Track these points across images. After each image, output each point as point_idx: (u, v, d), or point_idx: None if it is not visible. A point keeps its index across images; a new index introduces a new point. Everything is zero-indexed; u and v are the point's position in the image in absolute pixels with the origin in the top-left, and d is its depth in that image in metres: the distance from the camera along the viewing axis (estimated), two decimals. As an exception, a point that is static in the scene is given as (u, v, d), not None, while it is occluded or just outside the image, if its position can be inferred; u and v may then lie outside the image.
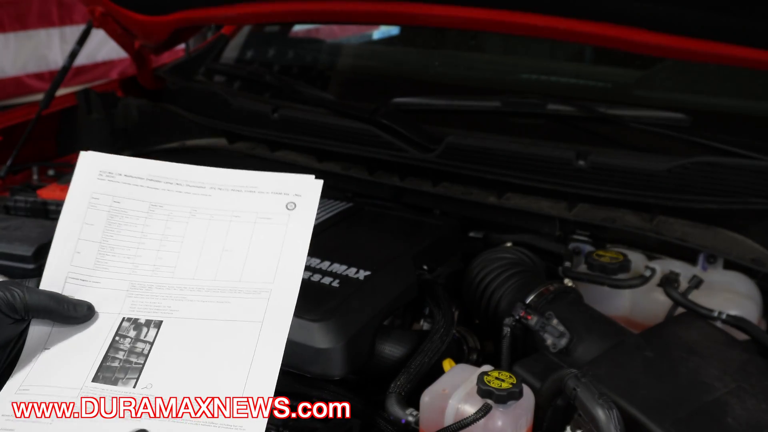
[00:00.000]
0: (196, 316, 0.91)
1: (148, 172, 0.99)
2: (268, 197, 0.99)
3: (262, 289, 0.93)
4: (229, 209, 0.98)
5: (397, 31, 2.54)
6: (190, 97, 2.08)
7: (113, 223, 0.96)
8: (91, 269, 0.94)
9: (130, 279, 0.94)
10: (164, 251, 0.96)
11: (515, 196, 1.55)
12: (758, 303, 1.35)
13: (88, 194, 0.97)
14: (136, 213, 0.97)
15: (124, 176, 0.99)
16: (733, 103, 1.69)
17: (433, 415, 1.01)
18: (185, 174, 1.01)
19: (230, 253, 0.96)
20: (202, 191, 1.00)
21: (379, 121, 1.66)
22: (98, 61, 5.30)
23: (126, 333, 0.90)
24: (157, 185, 0.99)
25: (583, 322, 1.23)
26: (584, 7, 1.31)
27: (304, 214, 0.97)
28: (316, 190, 0.99)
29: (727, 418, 0.99)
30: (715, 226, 1.38)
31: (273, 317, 0.90)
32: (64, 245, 0.94)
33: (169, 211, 0.98)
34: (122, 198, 0.98)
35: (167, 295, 0.93)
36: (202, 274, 0.95)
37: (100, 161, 0.99)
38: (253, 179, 1.00)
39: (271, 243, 0.96)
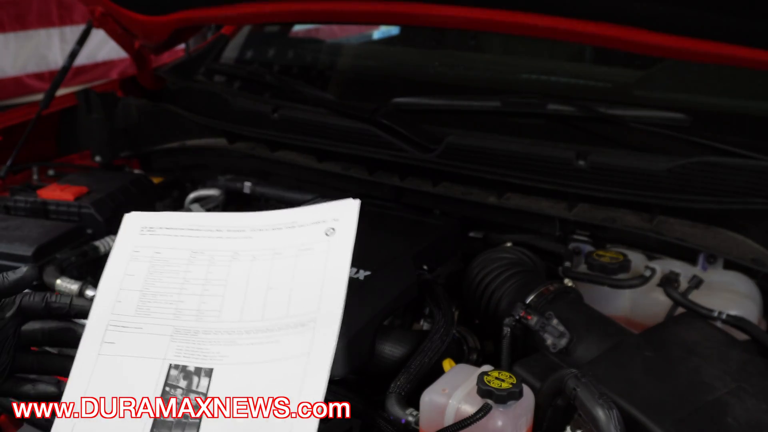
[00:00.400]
0: (247, 360, 0.88)
1: (188, 223, 0.99)
2: (308, 229, 0.97)
3: (308, 320, 0.90)
4: (270, 248, 0.97)
5: (397, 31, 2.54)
6: (190, 97, 2.08)
7: (155, 272, 0.95)
8: (132, 316, 0.92)
9: (174, 324, 0.91)
10: (207, 296, 0.94)
11: (515, 196, 1.55)
12: (758, 303, 1.35)
13: (130, 248, 0.97)
14: (177, 261, 0.96)
15: (164, 229, 0.98)
16: (733, 103, 1.69)
17: (433, 415, 1.01)
18: (225, 221, 0.99)
19: (275, 290, 0.93)
20: (242, 234, 0.98)
21: (379, 121, 1.66)
22: (98, 61, 5.30)
23: (175, 383, 0.87)
24: (197, 234, 0.98)
25: (583, 322, 1.23)
26: (584, 7, 1.31)
27: (343, 237, 0.95)
28: (354, 211, 0.97)
29: (727, 418, 0.99)
30: (715, 226, 1.38)
31: (318, 346, 0.88)
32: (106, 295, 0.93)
33: (211, 255, 0.96)
34: (163, 248, 0.97)
35: (214, 341, 0.90)
36: (249, 315, 0.92)
37: (143, 219, 0.99)
38: (293, 215, 0.99)
39: (314, 272, 0.93)
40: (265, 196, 1.90)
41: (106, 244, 1.63)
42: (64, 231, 1.62)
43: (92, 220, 1.70)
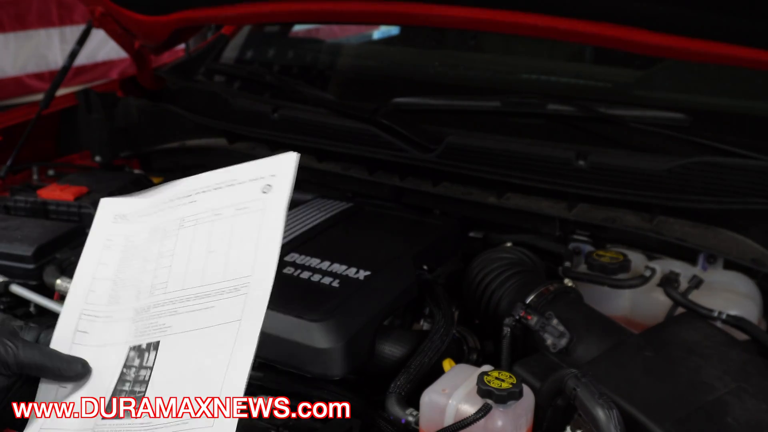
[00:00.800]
0: (187, 327, 0.89)
1: (151, 201, 0.99)
2: (246, 186, 0.96)
3: (241, 285, 0.90)
4: (211, 209, 0.96)
5: (397, 31, 2.54)
6: (190, 97, 2.08)
7: (125, 259, 0.96)
8: (104, 305, 0.94)
9: (135, 306, 0.93)
10: (159, 269, 0.95)
11: (515, 196, 1.55)
12: (758, 303, 1.35)
13: (103, 237, 0.98)
14: (141, 242, 0.97)
15: (136, 216, 0.98)
16: (733, 103, 1.69)
17: (433, 415, 1.01)
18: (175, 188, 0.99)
19: (214, 254, 0.93)
20: (188, 200, 0.98)
21: (379, 121, 1.66)
22: (98, 61, 5.30)
23: (132, 363, 0.89)
24: (156, 209, 0.99)
25: (583, 322, 1.23)
26: (584, 7, 1.31)
27: (278, 194, 0.93)
28: (291, 165, 0.94)
29: (727, 418, 0.99)
30: (715, 226, 1.38)
31: (249, 313, 0.88)
32: (80, 285, 0.95)
33: (163, 228, 0.97)
34: (134, 234, 0.97)
35: (161, 313, 0.91)
36: (191, 282, 0.92)
37: (116, 206, 0.99)
38: (232, 173, 0.98)
39: (249, 233, 0.92)
40: (265, 196, 1.90)
41: (106, 244, 1.62)
42: (64, 231, 1.62)
43: (92, 220, 1.70)
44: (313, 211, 1.55)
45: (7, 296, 1.45)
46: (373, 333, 1.21)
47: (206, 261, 0.93)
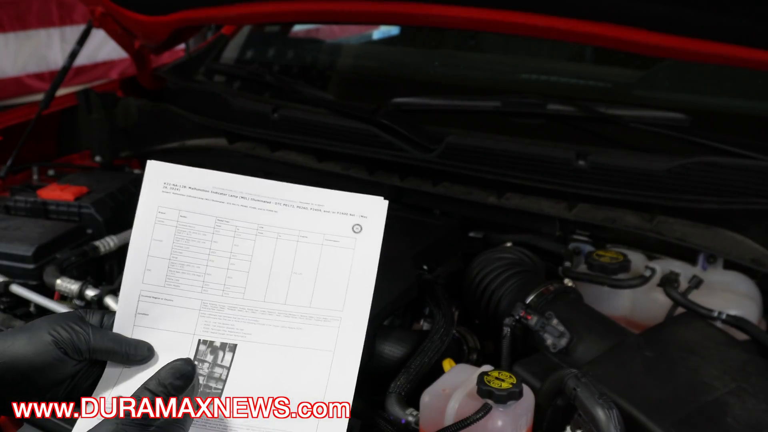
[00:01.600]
0: (270, 341, 0.93)
1: (212, 185, 0.98)
2: (335, 218, 0.98)
3: (332, 317, 0.93)
4: (296, 228, 0.98)
5: (397, 31, 2.54)
6: (190, 97, 2.08)
7: (181, 239, 0.96)
8: (161, 287, 0.94)
9: (201, 298, 0.94)
10: (233, 270, 0.96)
11: (515, 196, 1.55)
12: (758, 303, 1.35)
13: (155, 209, 0.96)
14: (203, 228, 0.97)
15: (188, 188, 0.98)
16: (733, 103, 1.69)
17: (433, 415, 1.01)
18: (250, 187, 0.99)
19: (299, 276, 0.95)
20: (267, 206, 0.99)
21: (379, 121, 1.66)
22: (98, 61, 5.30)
23: (204, 357, 0.92)
24: (222, 198, 0.98)
25: (583, 322, 1.23)
26: (584, 7, 1.31)
27: (371, 239, 0.98)
28: (382, 213, 1.00)
29: (727, 418, 0.99)
30: (715, 226, 1.38)
31: (344, 347, 0.92)
32: (136, 263, 0.94)
33: (236, 226, 0.97)
34: (188, 212, 0.97)
35: (239, 317, 0.94)
36: (273, 297, 0.95)
37: (165, 172, 0.98)
38: (319, 197, 1.00)
39: (340, 268, 0.96)
40: (265, 196, 1.90)
41: (106, 244, 1.63)
42: (64, 231, 1.62)
43: (92, 220, 1.71)
44: (313, 211, 1.55)
45: (7, 296, 1.45)
46: (373, 333, 1.21)
47: (290, 281, 0.96)
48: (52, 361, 0.85)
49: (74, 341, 0.86)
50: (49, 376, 0.85)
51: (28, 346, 0.84)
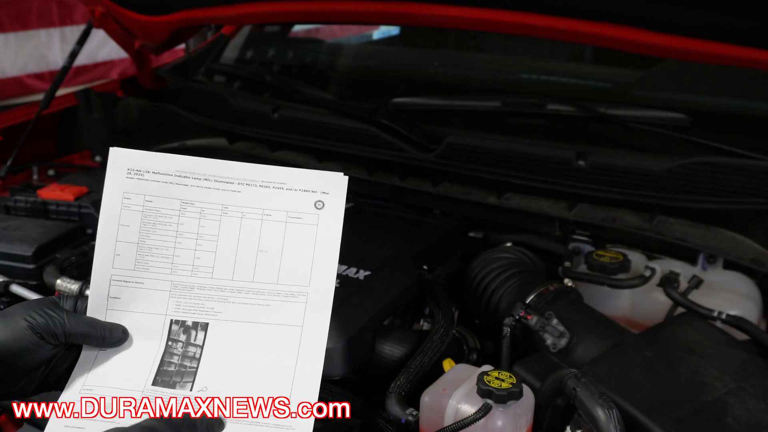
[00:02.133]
0: (240, 318, 0.95)
1: (175, 168, 1.00)
2: (297, 195, 1.00)
3: (299, 293, 0.96)
4: (259, 207, 0.99)
5: (397, 31, 2.54)
6: (190, 97, 2.08)
7: (148, 223, 0.98)
8: (131, 270, 0.97)
9: (171, 279, 0.97)
10: (201, 251, 0.98)
11: (515, 196, 1.55)
12: (758, 303, 1.35)
13: (120, 194, 0.98)
14: (169, 211, 0.99)
15: (152, 173, 0.99)
16: (733, 103, 1.69)
17: (433, 415, 1.01)
18: (212, 169, 1.01)
19: (265, 254, 0.97)
20: (230, 187, 1.00)
21: (379, 121, 1.66)
22: (98, 61, 5.30)
23: (177, 337, 0.94)
24: (186, 181, 1.00)
25: (583, 322, 1.23)
26: (584, 7, 1.31)
27: (333, 214, 1.00)
28: (342, 188, 1.01)
29: (727, 418, 0.99)
30: (715, 226, 1.38)
31: (312, 321, 0.94)
32: (104, 248, 0.97)
33: (201, 208, 0.99)
34: (154, 197, 0.98)
35: (209, 296, 0.96)
36: (240, 275, 0.97)
37: (128, 158, 0.99)
38: (281, 174, 1.01)
39: (304, 244, 0.98)
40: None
41: (106, 244, 1.62)
42: (64, 231, 1.62)
43: (92, 220, 1.71)
44: (313, 211, 1.55)
45: (7, 296, 1.45)
46: (373, 333, 1.21)
47: (257, 258, 0.98)
48: (29, 346, 0.87)
49: (50, 326, 0.88)
50: (25, 360, 0.87)
51: (5, 331, 0.86)
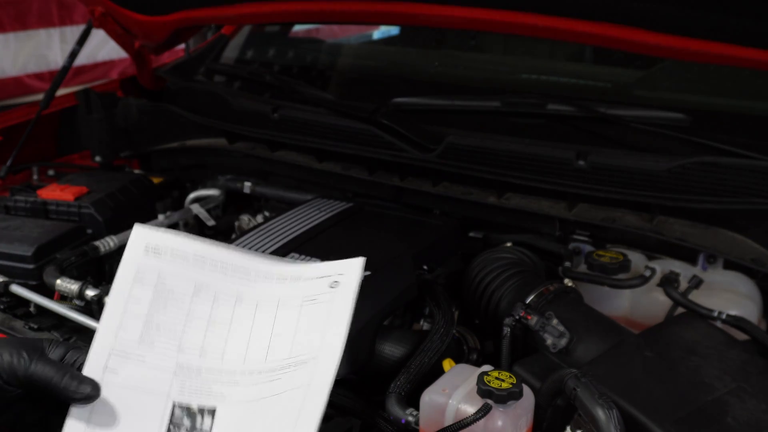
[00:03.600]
0: (250, 398, 0.90)
1: (194, 250, 0.98)
2: (313, 282, 0.98)
3: (309, 358, 0.92)
4: (275, 297, 0.98)
5: (397, 31, 2.54)
6: (190, 97, 2.08)
7: (159, 300, 0.94)
8: (135, 343, 0.91)
9: (177, 359, 0.92)
10: (211, 334, 0.94)
11: (515, 196, 1.55)
12: (758, 303, 1.35)
13: (135, 268, 0.96)
14: (182, 291, 0.96)
15: (170, 252, 0.98)
16: (733, 103, 1.69)
17: (433, 415, 1.01)
18: (231, 257, 0.99)
19: (279, 337, 0.95)
20: (247, 277, 0.99)
21: (379, 121, 1.66)
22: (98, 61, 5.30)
23: (179, 422, 0.88)
24: (203, 265, 0.98)
25: (583, 322, 1.23)
26: (584, 7, 1.31)
27: (346, 291, 0.97)
28: (358, 268, 0.99)
29: (727, 418, 0.99)
30: (715, 226, 1.38)
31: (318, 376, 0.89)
32: (110, 319, 0.92)
33: (215, 293, 0.97)
34: (168, 275, 0.96)
35: (218, 380, 0.91)
36: (252, 358, 0.93)
37: (149, 235, 0.98)
38: (299, 269, 1.00)
39: (317, 320, 0.95)
40: (265, 196, 1.90)
41: (106, 244, 1.63)
42: (64, 231, 1.62)
43: (92, 220, 1.71)
44: (313, 211, 1.55)
45: (7, 296, 1.45)
46: (373, 333, 1.21)
47: (270, 341, 0.95)
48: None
49: (13, 364, 0.80)
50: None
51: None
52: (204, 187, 1.97)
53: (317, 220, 1.51)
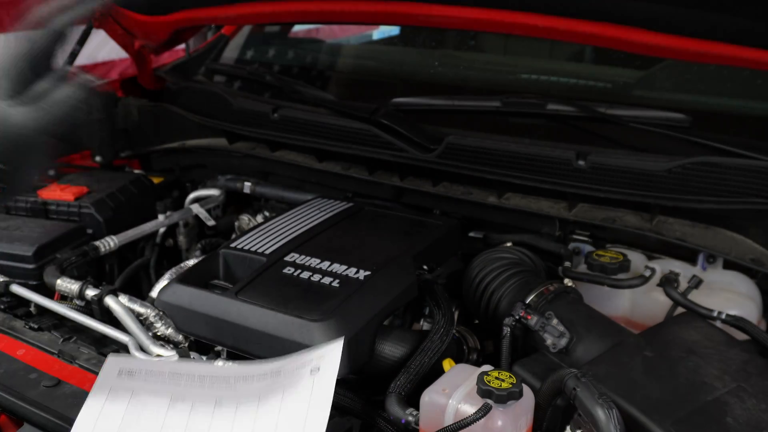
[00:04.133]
0: None
1: (169, 369, 0.98)
2: (294, 373, 0.98)
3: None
4: (255, 395, 0.97)
5: (397, 31, 2.54)
6: (190, 97, 2.08)
7: (132, 415, 0.94)
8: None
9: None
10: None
11: (515, 196, 1.55)
12: (758, 303, 1.35)
13: (107, 390, 0.96)
14: (157, 405, 0.95)
15: (144, 373, 0.98)
16: (733, 103, 1.69)
17: (433, 415, 1.01)
18: (209, 370, 0.99)
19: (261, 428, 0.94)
20: (226, 383, 0.98)
21: (379, 121, 1.66)
22: (98, 62, 5.30)
23: None
24: (178, 381, 0.98)
25: (583, 322, 1.23)
26: (584, 7, 1.31)
27: (327, 375, 0.96)
28: (337, 350, 0.99)
29: (726, 417, 0.99)
30: (714, 226, 1.38)
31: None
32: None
33: (192, 403, 0.96)
34: (142, 391, 0.96)
35: None
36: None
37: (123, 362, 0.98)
38: (279, 364, 0.99)
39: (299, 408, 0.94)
40: (265, 196, 1.90)
41: (106, 244, 1.63)
42: (64, 231, 1.63)
43: (92, 220, 1.71)
44: (313, 211, 1.55)
45: (7, 296, 1.45)
46: (373, 333, 1.21)
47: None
48: None
49: None
50: None
51: None
52: (204, 187, 1.97)
53: (317, 220, 1.51)
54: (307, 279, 1.27)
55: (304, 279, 1.27)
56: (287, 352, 1.14)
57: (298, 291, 1.24)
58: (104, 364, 0.98)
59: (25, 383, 1.18)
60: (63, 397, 1.14)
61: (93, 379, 1.19)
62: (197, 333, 1.27)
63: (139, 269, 1.79)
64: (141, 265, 1.79)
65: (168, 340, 1.35)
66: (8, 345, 1.30)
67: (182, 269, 1.57)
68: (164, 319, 1.35)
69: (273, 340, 1.15)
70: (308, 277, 1.27)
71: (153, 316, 1.35)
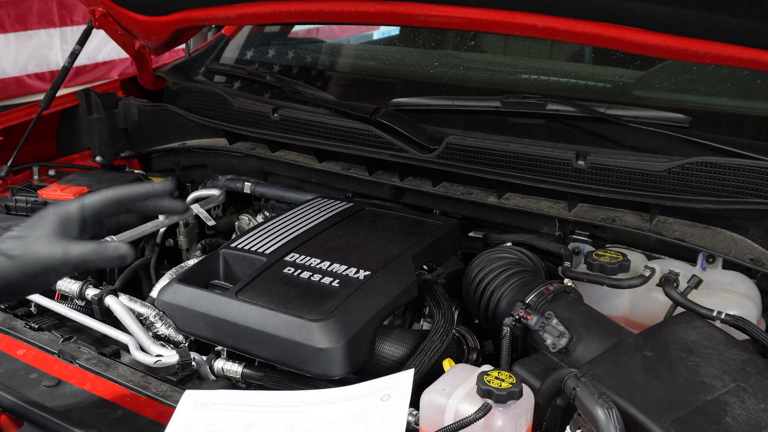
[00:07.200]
0: None
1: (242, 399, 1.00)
2: (365, 399, 0.99)
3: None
4: (326, 419, 0.98)
5: (397, 31, 2.54)
6: (190, 97, 2.08)
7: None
8: None
9: None
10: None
11: (515, 196, 1.55)
12: (757, 303, 1.35)
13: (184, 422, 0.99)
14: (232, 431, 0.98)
15: (219, 403, 1.00)
16: (732, 103, 1.69)
17: (433, 414, 1.01)
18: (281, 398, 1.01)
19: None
20: (297, 409, 1.00)
21: (378, 122, 1.66)
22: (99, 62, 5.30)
23: None
24: (251, 409, 1.00)
25: (583, 322, 1.23)
26: (584, 7, 1.31)
27: (399, 401, 0.97)
28: (409, 380, 0.99)
29: (726, 417, 0.99)
30: (714, 226, 1.38)
31: None
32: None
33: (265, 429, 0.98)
34: (217, 420, 0.98)
35: None
36: None
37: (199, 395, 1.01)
38: (350, 390, 1.00)
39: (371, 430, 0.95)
40: (265, 196, 1.90)
41: (106, 244, 1.62)
42: (65, 231, 1.62)
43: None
44: (313, 211, 1.56)
45: (7, 296, 1.45)
46: (373, 333, 1.21)
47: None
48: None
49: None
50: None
51: None
52: (204, 187, 1.97)
53: (317, 220, 1.51)
54: (307, 279, 1.27)
55: (304, 279, 1.27)
56: (287, 352, 1.14)
57: (298, 291, 1.24)
58: (181, 399, 1.02)
59: (26, 383, 1.18)
60: (63, 397, 1.14)
61: (93, 379, 1.20)
62: (197, 333, 1.27)
63: (139, 269, 1.79)
64: (141, 265, 1.80)
65: (168, 339, 1.35)
66: (8, 345, 1.30)
67: (182, 269, 1.57)
68: (164, 319, 1.35)
69: (273, 340, 1.15)
70: (308, 277, 1.28)
71: (153, 316, 1.35)
